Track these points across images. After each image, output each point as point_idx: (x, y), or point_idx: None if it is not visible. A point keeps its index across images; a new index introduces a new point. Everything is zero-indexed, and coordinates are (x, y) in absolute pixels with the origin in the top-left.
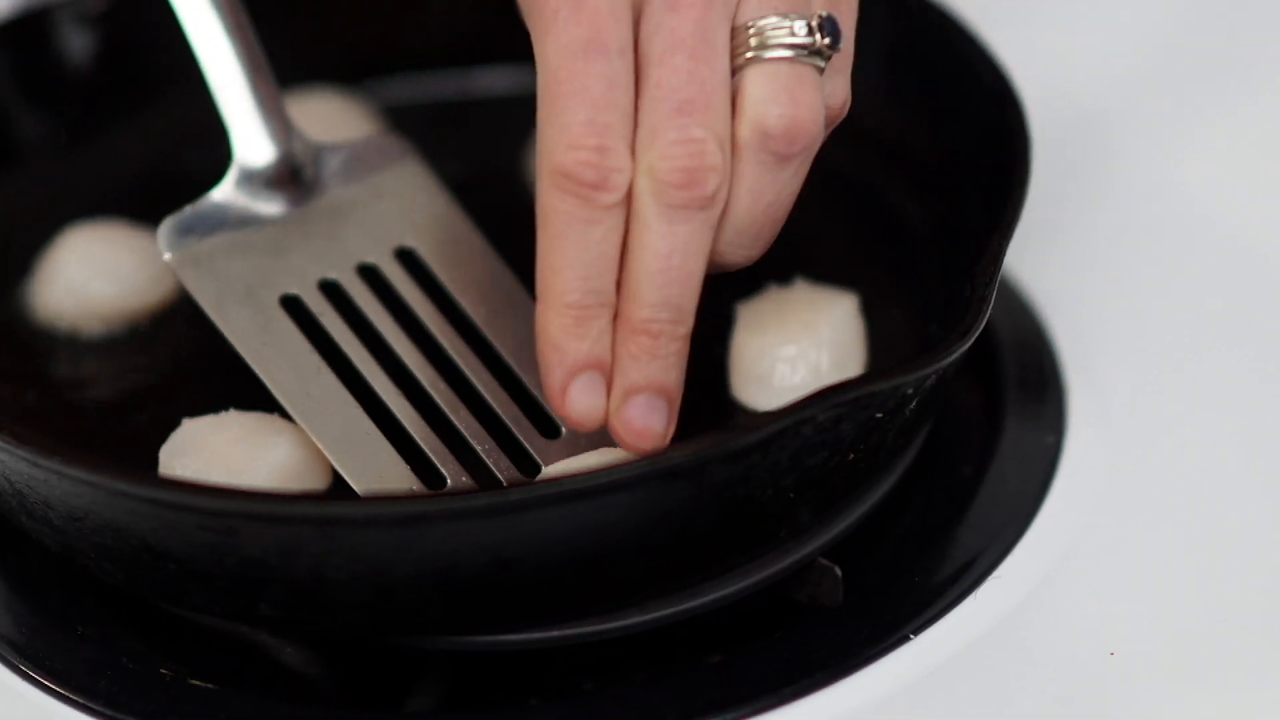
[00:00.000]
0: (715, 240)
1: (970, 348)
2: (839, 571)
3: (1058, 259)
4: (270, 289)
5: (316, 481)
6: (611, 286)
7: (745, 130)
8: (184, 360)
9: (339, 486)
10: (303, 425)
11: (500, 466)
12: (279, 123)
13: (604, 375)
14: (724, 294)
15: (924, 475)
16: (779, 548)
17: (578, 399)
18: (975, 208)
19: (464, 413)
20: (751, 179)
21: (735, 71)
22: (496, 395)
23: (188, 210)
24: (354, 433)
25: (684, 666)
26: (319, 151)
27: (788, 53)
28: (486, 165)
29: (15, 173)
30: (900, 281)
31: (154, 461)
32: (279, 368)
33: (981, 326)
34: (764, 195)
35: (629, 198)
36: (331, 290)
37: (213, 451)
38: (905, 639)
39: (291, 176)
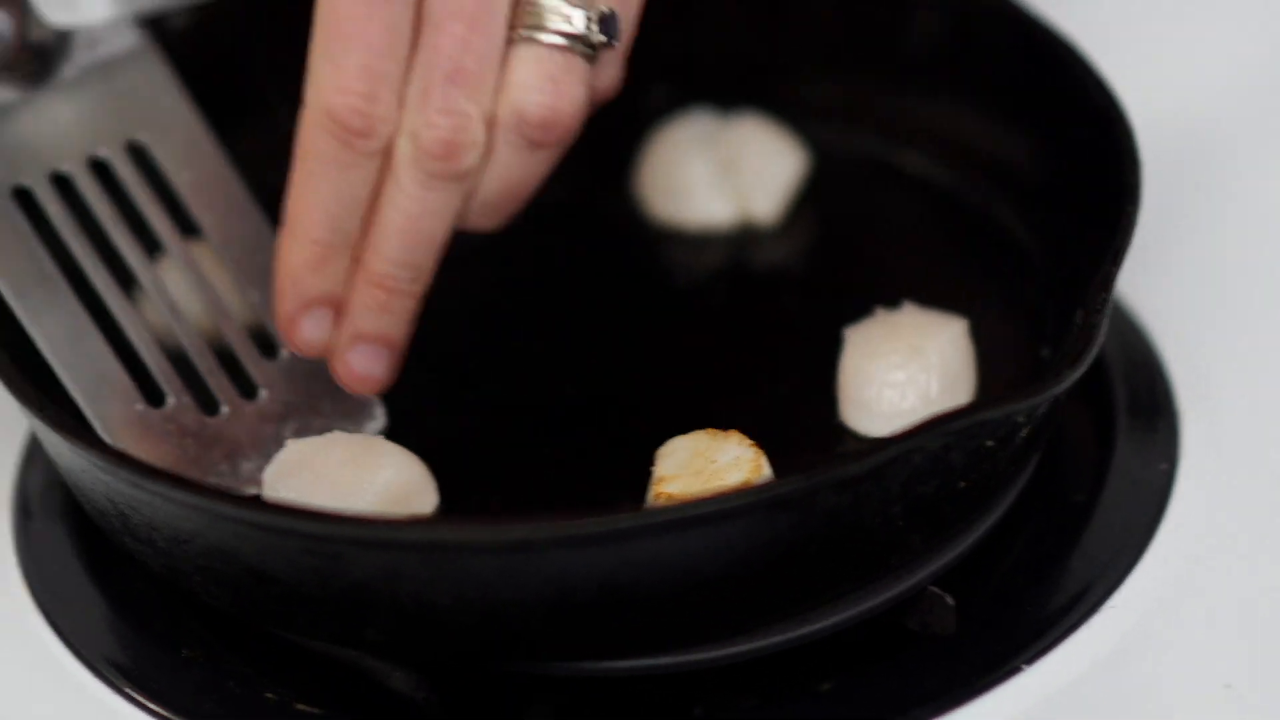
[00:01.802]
0: (463, 207)
1: (1081, 374)
2: (950, 600)
3: (1170, 281)
4: (5, 178)
5: (423, 504)
6: (356, 229)
7: (504, 111)
8: None
9: (446, 509)
10: (25, 324)
11: (218, 385)
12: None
13: (334, 311)
14: (832, 320)
15: (1036, 502)
16: (890, 575)
17: (305, 330)
18: (1085, 230)
19: (186, 326)
20: (503, 158)
21: (509, 42)
22: (218, 309)
23: None
24: (77, 336)
25: (794, 695)
26: (59, 36)
27: (561, 40)
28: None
29: None
30: (1010, 305)
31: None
32: (7, 263)
33: (1094, 354)
34: (512, 174)
35: (388, 148)
36: (63, 185)
37: (317, 474)
38: (1017, 670)
39: (28, 59)
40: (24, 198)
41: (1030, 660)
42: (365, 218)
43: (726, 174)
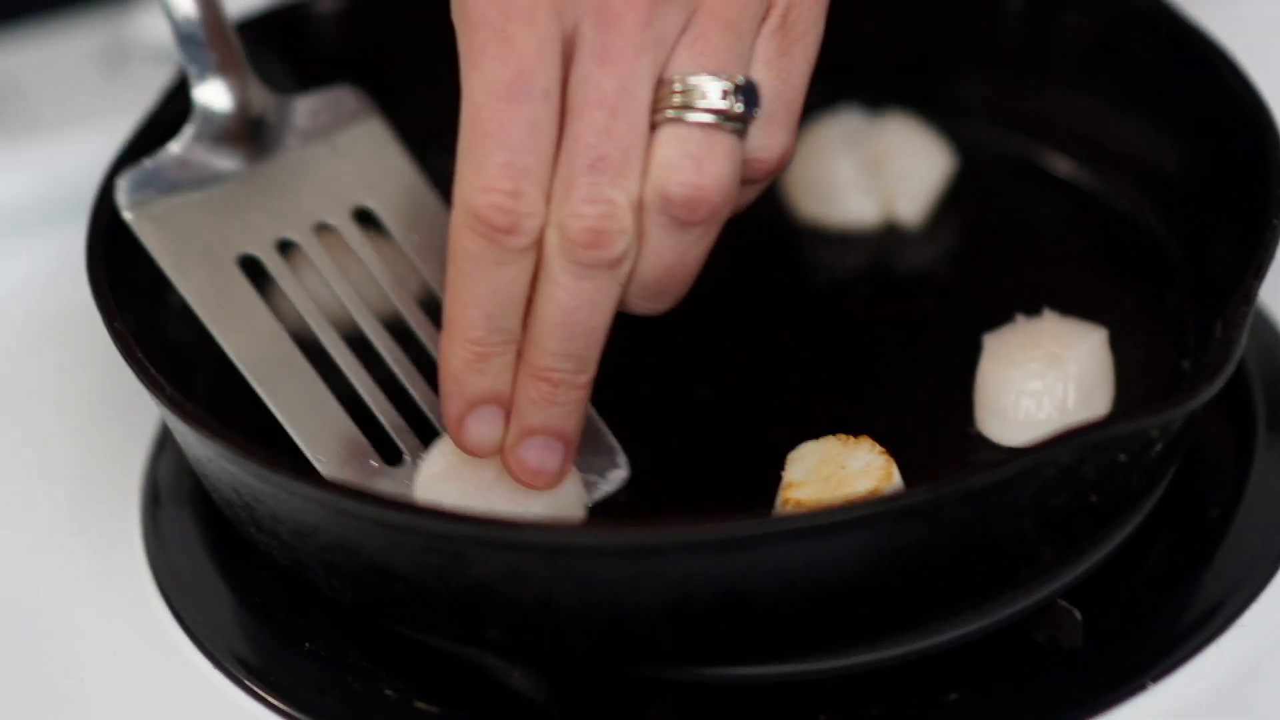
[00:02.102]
0: (624, 292)
1: (1217, 390)
2: (1078, 615)
3: None
4: (228, 249)
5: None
6: (516, 325)
7: (650, 194)
8: None
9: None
10: (259, 391)
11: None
12: (237, 73)
13: (502, 408)
14: (972, 325)
15: (1169, 517)
16: (1018, 588)
17: (473, 431)
18: (1230, 238)
19: (421, 385)
20: (655, 241)
21: (654, 126)
22: None
23: (146, 164)
24: (311, 401)
25: (919, 705)
26: (280, 105)
27: (707, 117)
28: None
29: None
30: (1152, 314)
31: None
32: (237, 331)
33: (1231, 370)
34: (667, 257)
35: (540, 243)
36: (290, 251)
37: (472, 487)
38: (1143, 686)
39: (251, 130)
40: (251, 267)
41: (1156, 677)
42: (524, 313)
43: (872, 174)
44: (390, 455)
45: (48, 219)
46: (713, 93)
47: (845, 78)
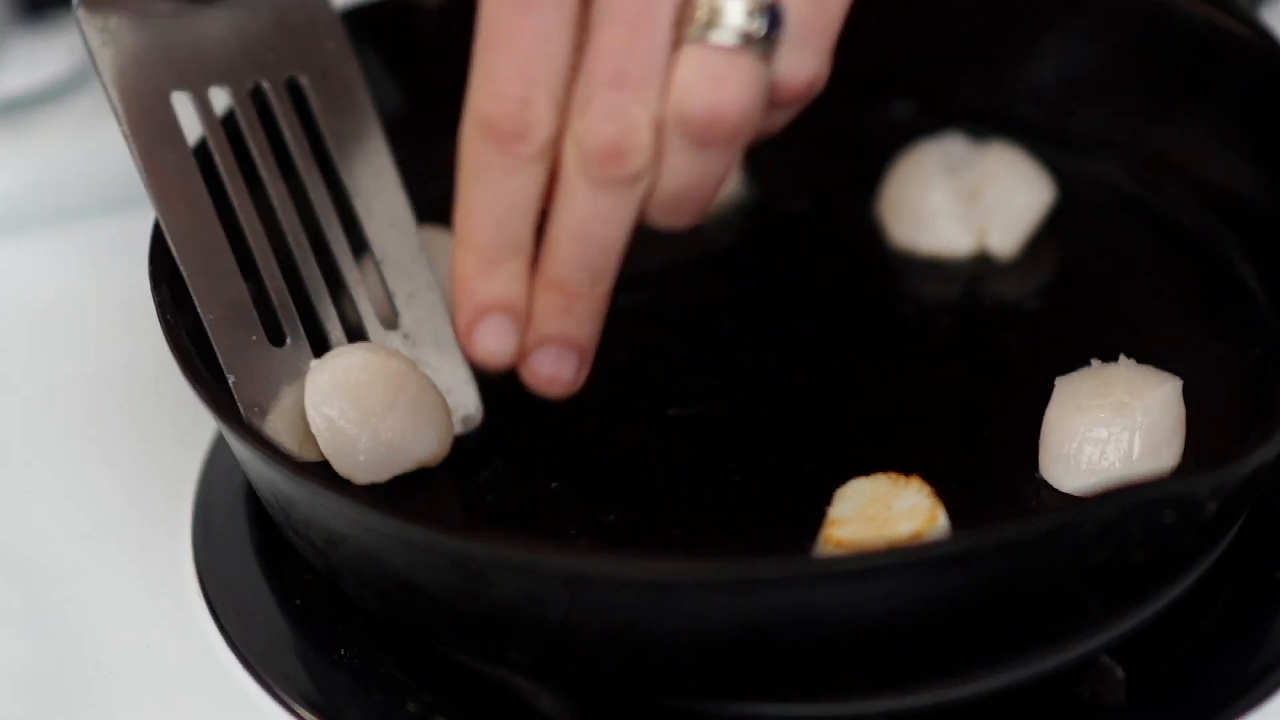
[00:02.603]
0: (645, 206)
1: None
2: (1121, 673)
3: None
4: (166, 78)
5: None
6: (528, 234)
7: (670, 113)
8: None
9: (623, 519)
10: (167, 234)
11: (335, 335)
12: None
13: (514, 318)
14: (1050, 365)
15: (1230, 575)
16: (1059, 641)
17: (482, 340)
18: None
19: (318, 281)
20: (674, 160)
21: (676, 44)
22: (350, 271)
23: None
24: (213, 257)
25: None
26: None
27: (730, 39)
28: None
29: None
30: (1236, 364)
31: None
32: (158, 167)
33: None
34: (685, 176)
35: (557, 152)
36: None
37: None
38: None
39: None
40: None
41: None
42: (541, 223)
43: (968, 204)
44: (274, 335)
45: (117, 205)
46: (736, 13)
47: (950, 105)
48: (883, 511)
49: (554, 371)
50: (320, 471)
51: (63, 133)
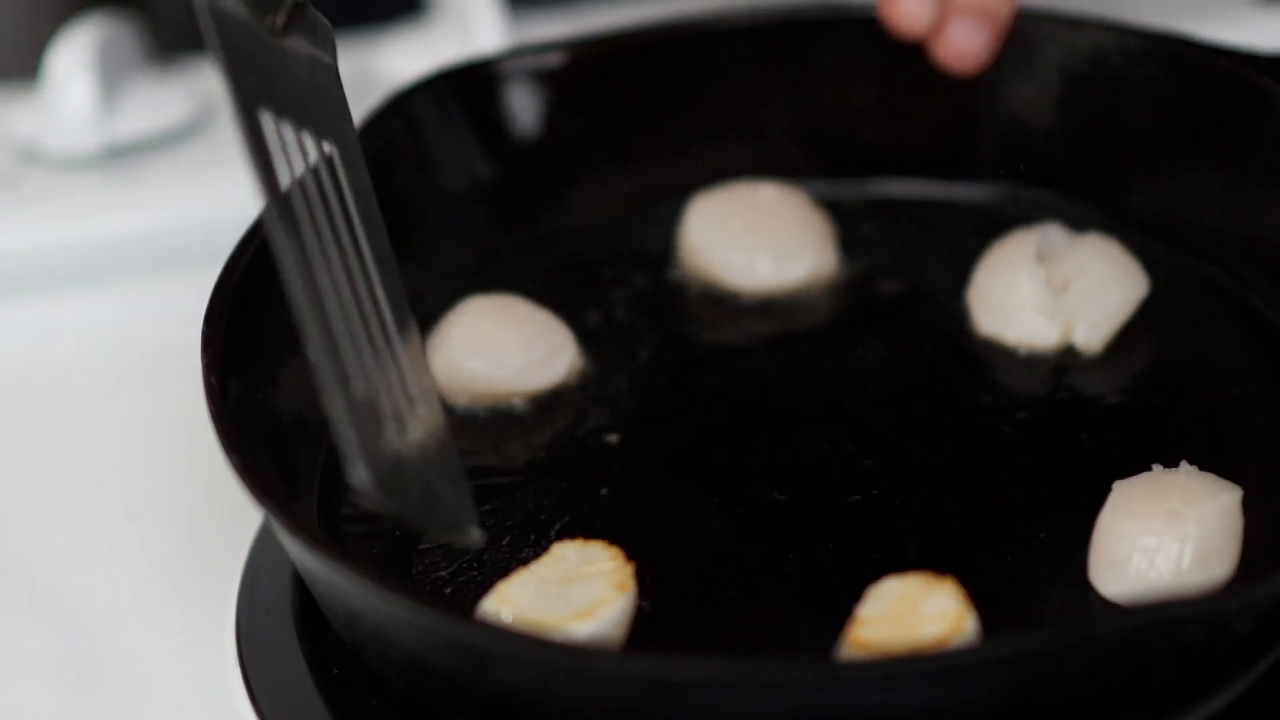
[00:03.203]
0: None
1: None
2: None
3: None
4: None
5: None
6: None
7: None
8: (540, 454)
9: (660, 603)
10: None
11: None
12: None
13: None
14: (1113, 468)
15: (1267, 695)
16: None
17: (907, 6)
18: None
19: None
20: None
21: None
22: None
23: None
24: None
25: None
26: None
27: None
28: (928, 281)
29: (441, 225)
30: None
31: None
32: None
33: None
34: None
35: None
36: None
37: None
38: None
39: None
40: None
41: None
42: None
43: (1057, 296)
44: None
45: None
46: None
47: (1054, 193)
48: (911, 613)
49: (966, 44)
50: (339, 545)
51: (176, 179)
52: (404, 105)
